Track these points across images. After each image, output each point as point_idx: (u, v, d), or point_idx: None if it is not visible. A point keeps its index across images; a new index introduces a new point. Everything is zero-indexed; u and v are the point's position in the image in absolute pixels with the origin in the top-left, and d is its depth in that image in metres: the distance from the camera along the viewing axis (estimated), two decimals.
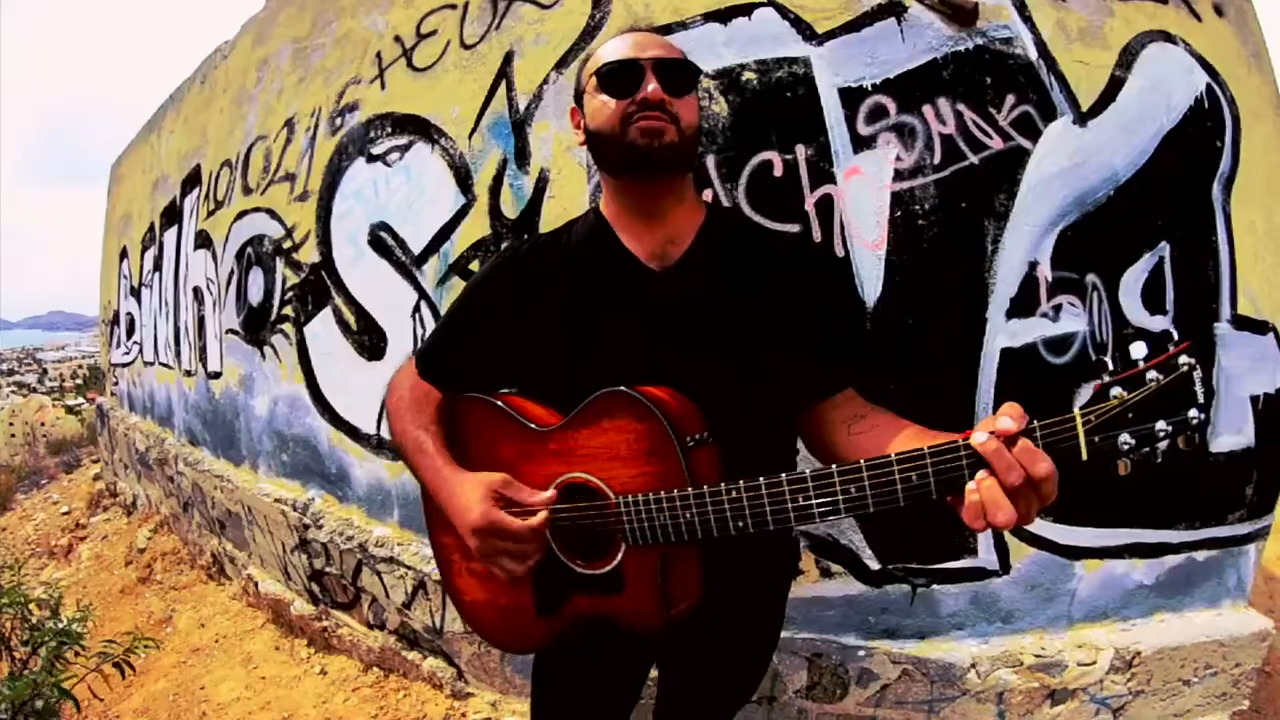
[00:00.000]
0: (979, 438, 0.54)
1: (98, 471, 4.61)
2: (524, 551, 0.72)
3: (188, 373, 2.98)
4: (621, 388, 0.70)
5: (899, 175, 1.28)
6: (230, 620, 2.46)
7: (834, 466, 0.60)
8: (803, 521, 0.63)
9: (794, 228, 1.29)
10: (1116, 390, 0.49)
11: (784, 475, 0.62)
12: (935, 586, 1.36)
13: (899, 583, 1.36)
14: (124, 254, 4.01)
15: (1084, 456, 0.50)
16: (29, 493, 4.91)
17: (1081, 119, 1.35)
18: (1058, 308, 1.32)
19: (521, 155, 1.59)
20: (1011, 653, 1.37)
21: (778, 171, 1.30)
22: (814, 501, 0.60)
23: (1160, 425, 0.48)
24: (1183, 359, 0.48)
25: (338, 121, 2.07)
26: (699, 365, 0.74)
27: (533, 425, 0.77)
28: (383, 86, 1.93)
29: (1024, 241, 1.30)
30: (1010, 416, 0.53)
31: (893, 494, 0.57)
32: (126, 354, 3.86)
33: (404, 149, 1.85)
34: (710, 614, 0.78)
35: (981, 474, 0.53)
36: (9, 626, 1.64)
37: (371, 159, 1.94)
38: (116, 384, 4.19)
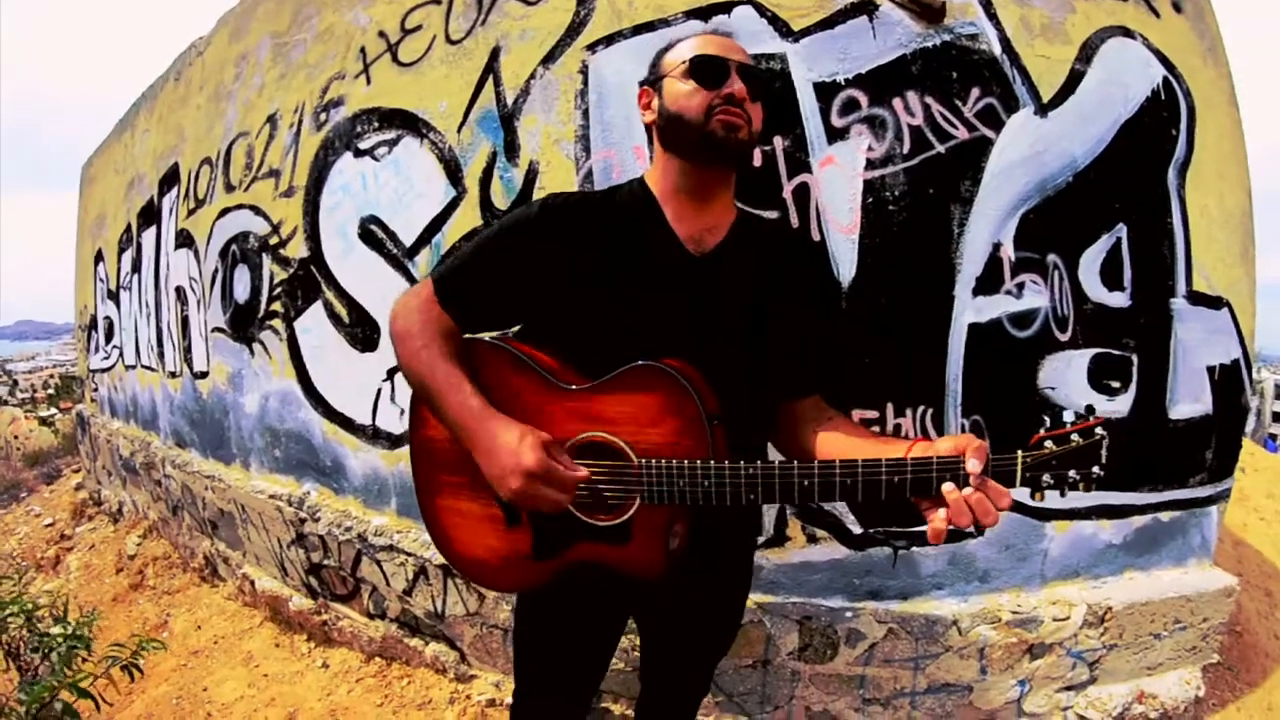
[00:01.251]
0: (968, 491, 0.70)
1: (80, 481, 4.57)
2: (561, 501, 0.79)
3: (172, 374, 3.00)
4: (658, 364, 0.79)
5: (871, 164, 1.39)
6: (227, 620, 2.49)
7: (836, 461, 0.75)
8: (803, 500, 0.78)
9: (773, 214, 1.40)
10: (1049, 443, 0.71)
11: (795, 462, 0.76)
12: (915, 548, 1.49)
13: (881, 546, 1.48)
14: (99, 257, 3.98)
15: (1016, 484, 0.72)
16: (8, 507, 4.85)
17: (1042, 110, 1.47)
18: (1021, 285, 1.44)
19: (511, 148, 1.66)
20: (990, 610, 1.49)
21: (757, 162, 1.40)
22: (816, 485, 0.75)
23: (1072, 474, 0.71)
24: (1098, 430, 0.70)
25: (322, 117, 2.11)
26: (717, 352, 0.84)
27: (561, 383, 0.83)
28: (368, 81, 1.97)
29: (988, 224, 1.42)
30: (977, 459, 0.69)
31: (877, 489, 0.73)
32: (106, 359, 3.85)
33: (392, 143, 1.90)
34: (694, 568, 0.89)
35: (948, 488, 0.70)
36: (15, 635, 1.67)
37: (359, 153, 1.99)
38: (96, 390, 4.16)
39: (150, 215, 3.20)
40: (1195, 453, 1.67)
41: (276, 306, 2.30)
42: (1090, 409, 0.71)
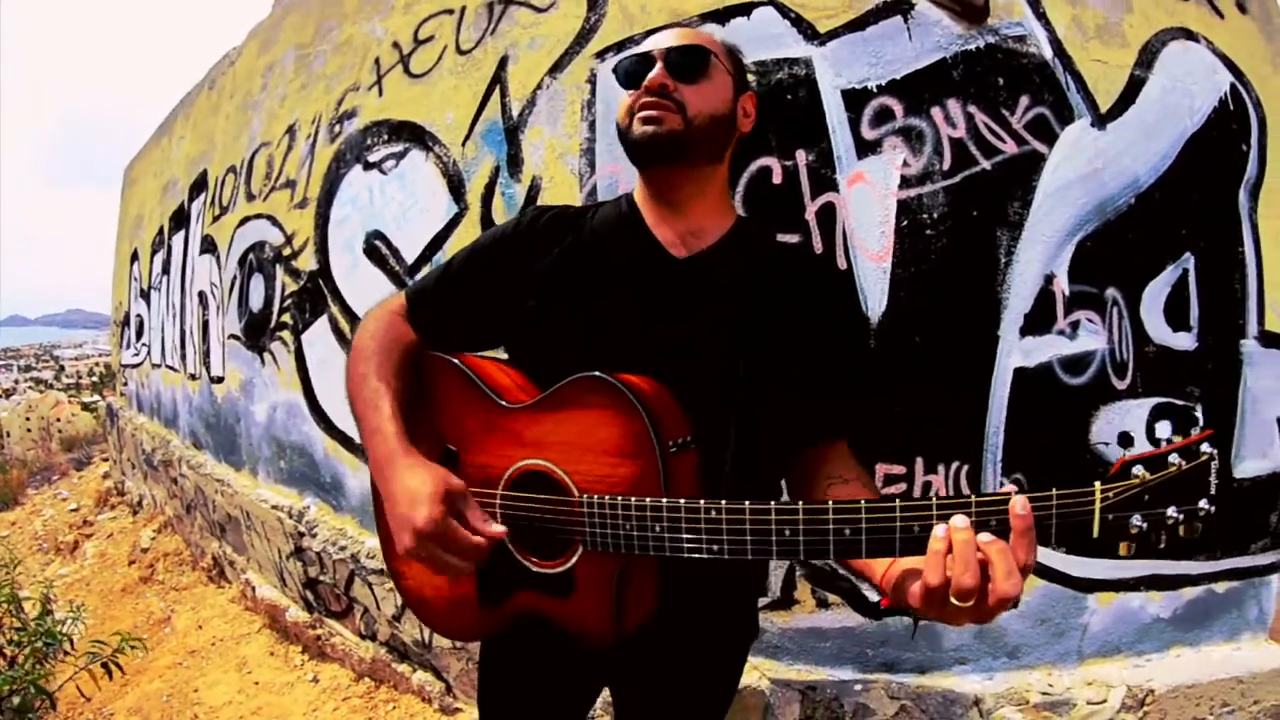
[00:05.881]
0: (1019, 504, 0.49)
1: (107, 470, 4.58)
2: (463, 568, 0.64)
3: (192, 376, 2.92)
4: (602, 374, 0.62)
5: (906, 182, 1.18)
6: (228, 623, 2.40)
7: (830, 503, 0.54)
8: (785, 556, 0.56)
9: (793, 238, 1.19)
10: (1138, 469, 0.49)
11: (773, 503, 0.55)
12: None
13: (900, 614, 1.25)
14: (135, 256, 3.97)
15: (1095, 533, 0.49)
16: (39, 488, 4.89)
17: (1100, 121, 1.24)
18: (1075, 324, 1.20)
19: (514, 162, 1.51)
20: (1017, 689, 1.26)
21: (776, 178, 1.20)
22: (801, 538, 0.54)
23: (1171, 511, 0.48)
24: (1204, 447, 0.49)
25: (337, 128, 2.00)
26: (699, 363, 0.68)
27: (501, 400, 0.69)
28: (380, 93, 1.86)
29: (1040, 253, 1.19)
30: (1023, 501, 0.48)
31: (889, 543, 0.52)
32: (136, 355, 3.82)
33: (399, 156, 1.78)
34: (662, 644, 0.71)
35: (960, 522, 0.49)
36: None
37: (368, 166, 1.87)
38: (126, 384, 4.15)
39: (180, 219, 3.15)
40: (1259, 515, 1.41)
41: (286, 318, 2.19)
42: (1193, 419, 0.51)
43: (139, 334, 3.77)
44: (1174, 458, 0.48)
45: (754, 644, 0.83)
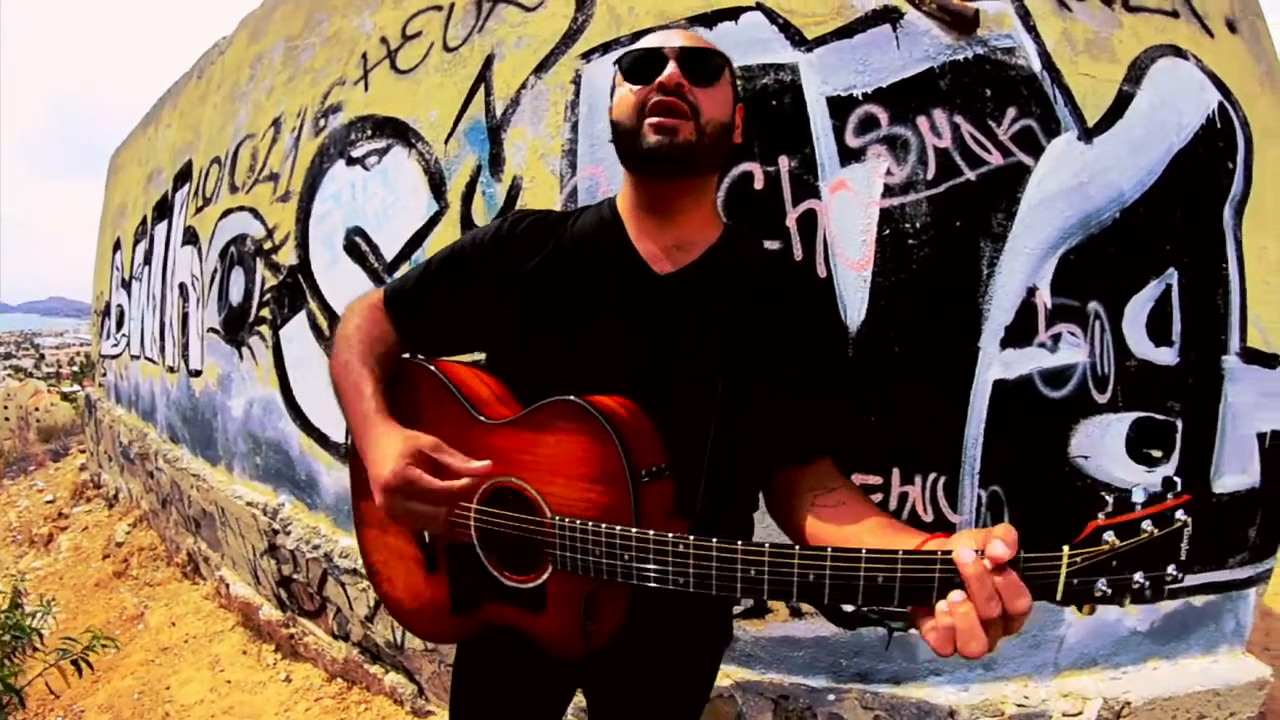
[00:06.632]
0: (965, 555, 0.48)
1: (84, 461, 4.50)
2: (437, 515, 0.64)
3: (170, 369, 2.88)
4: (579, 400, 0.61)
5: (889, 190, 1.16)
6: (201, 620, 2.37)
7: (796, 547, 0.54)
8: (748, 595, 0.57)
9: (774, 245, 1.17)
10: (1109, 535, 0.48)
11: (739, 542, 0.55)
12: (912, 630, 1.24)
13: (874, 625, 1.24)
14: (117, 245, 3.90)
15: (1058, 597, 0.48)
16: (15, 479, 4.81)
17: (1087, 135, 1.23)
18: (1056, 337, 1.20)
19: (496, 162, 1.49)
20: (992, 701, 1.25)
21: (758, 184, 1.18)
22: (766, 579, 0.54)
23: (1138, 577, 0.48)
24: (1179, 514, 0.48)
25: (321, 123, 1.97)
26: (677, 379, 0.66)
27: (478, 414, 0.69)
28: (366, 88, 1.83)
29: (1023, 265, 1.18)
30: (1004, 541, 0.48)
31: (853, 591, 0.51)
32: (115, 346, 3.75)
33: (382, 153, 1.75)
34: (635, 651, 0.70)
35: (956, 596, 0.48)
36: None
37: (351, 162, 1.84)
38: (105, 375, 4.08)
39: (164, 209, 3.10)
40: (1237, 530, 1.41)
41: (265, 313, 2.16)
42: (1170, 482, 0.49)
43: (119, 324, 3.70)
44: (1147, 524, 0.47)
45: (726, 652, 0.83)
